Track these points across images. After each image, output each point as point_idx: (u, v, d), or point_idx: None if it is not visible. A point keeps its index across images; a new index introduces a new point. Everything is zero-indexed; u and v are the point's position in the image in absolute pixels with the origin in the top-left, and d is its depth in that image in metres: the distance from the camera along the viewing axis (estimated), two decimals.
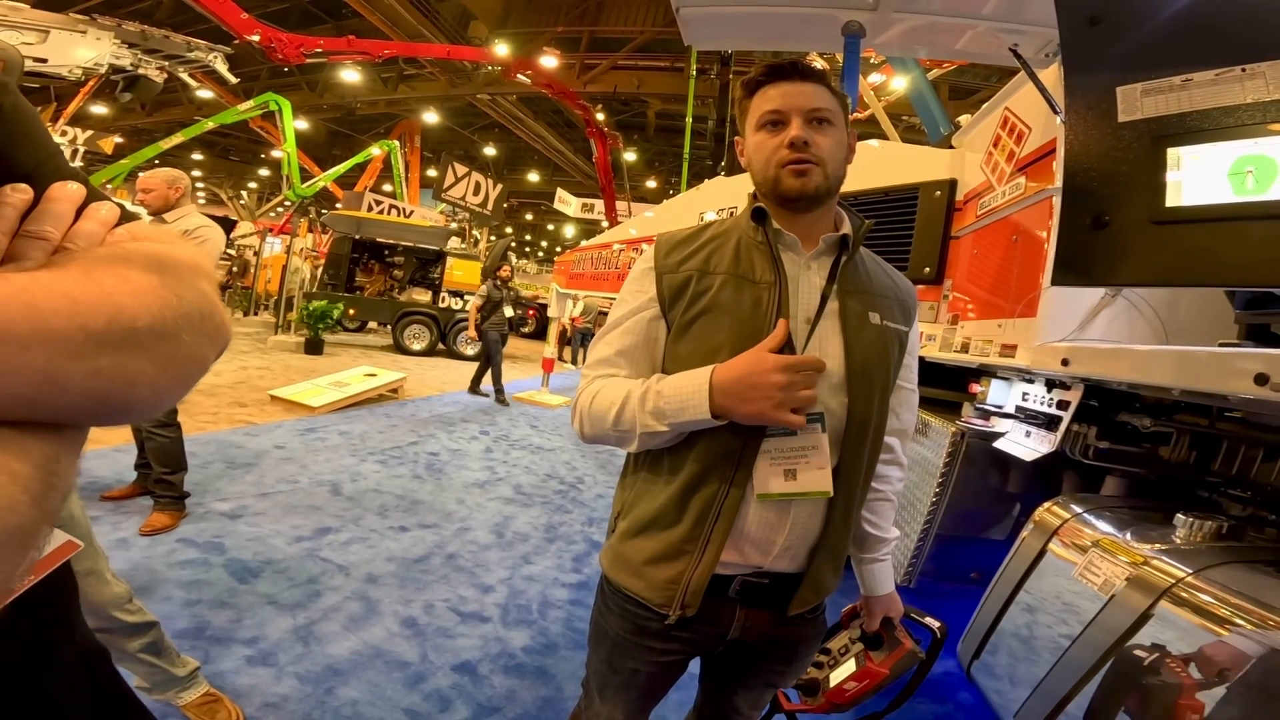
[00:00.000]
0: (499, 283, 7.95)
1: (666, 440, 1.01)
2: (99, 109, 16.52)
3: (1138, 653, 1.08)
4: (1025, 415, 1.84)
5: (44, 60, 7.15)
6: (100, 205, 0.45)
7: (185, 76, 9.86)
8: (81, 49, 7.58)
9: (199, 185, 26.94)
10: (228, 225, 13.21)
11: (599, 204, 16.24)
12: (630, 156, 18.54)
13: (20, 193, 0.42)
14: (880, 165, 3.18)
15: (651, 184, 23.74)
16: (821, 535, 1.03)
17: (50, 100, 8.37)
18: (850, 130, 1.07)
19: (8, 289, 0.32)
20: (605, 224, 15.35)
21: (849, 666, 1.27)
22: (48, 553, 0.46)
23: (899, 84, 6.78)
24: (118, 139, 14.46)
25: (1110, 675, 1.12)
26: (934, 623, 1.31)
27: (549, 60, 13.86)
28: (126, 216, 0.47)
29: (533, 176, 25.23)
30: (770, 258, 1.03)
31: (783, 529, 1.00)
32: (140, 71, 8.46)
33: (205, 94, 16.30)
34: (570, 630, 2.64)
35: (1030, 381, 1.92)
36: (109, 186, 12.45)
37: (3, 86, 0.48)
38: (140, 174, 3.24)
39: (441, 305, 12.57)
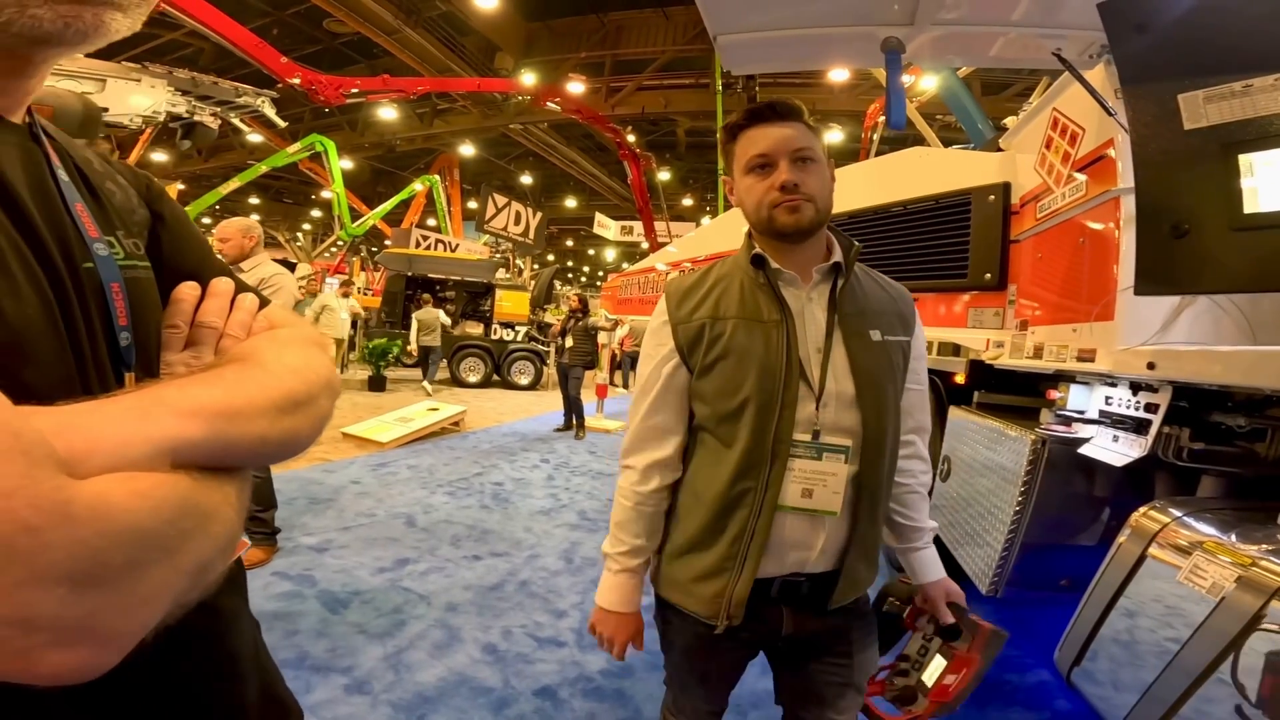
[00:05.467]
0: (579, 315, 7.64)
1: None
2: (159, 156, 16.77)
3: None
4: (1111, 420, 1.81)
5: (105, 109, 7.10)
6: (245, 296, 0.62)
7: (236, 121, 9.89)
8: (138, 97, 7.56)
9: None
10: (288, 267, 13.75)
11: (637, 226, 16.38)
12: (664, 176, 18.66)
13: (192, 289, 0.60)
14: (927, 172, 3.16)
15: (687, 201, 23.83)
16: (850, 535, 1.13)
17: (114, 149, 8.39)
18: (830, 160, 1.15)
19: (231, 387, 0.48)
20: (645, 245, 15.47)
21: (939, 663, 1.27)
22: None
23: (928, 83, 6.62)
24: (180, 185, 14.89)
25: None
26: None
27: (576, 86, 14.01)
28: (262, 301, 0.64)
29: (570, 202, 25.58)
30: (774, 297, 1.12)
31: (819, 534, 1.11)
32: (196, 118, 8.50)
33: (255, 138, 16.61)
34: (645, 652, 2.62)
35: (1113, 385, 1.88)
36: None
37: (161, 195, 0.65)
38: (219, 224, 3.47)
39: (494, 337, 12.80)
